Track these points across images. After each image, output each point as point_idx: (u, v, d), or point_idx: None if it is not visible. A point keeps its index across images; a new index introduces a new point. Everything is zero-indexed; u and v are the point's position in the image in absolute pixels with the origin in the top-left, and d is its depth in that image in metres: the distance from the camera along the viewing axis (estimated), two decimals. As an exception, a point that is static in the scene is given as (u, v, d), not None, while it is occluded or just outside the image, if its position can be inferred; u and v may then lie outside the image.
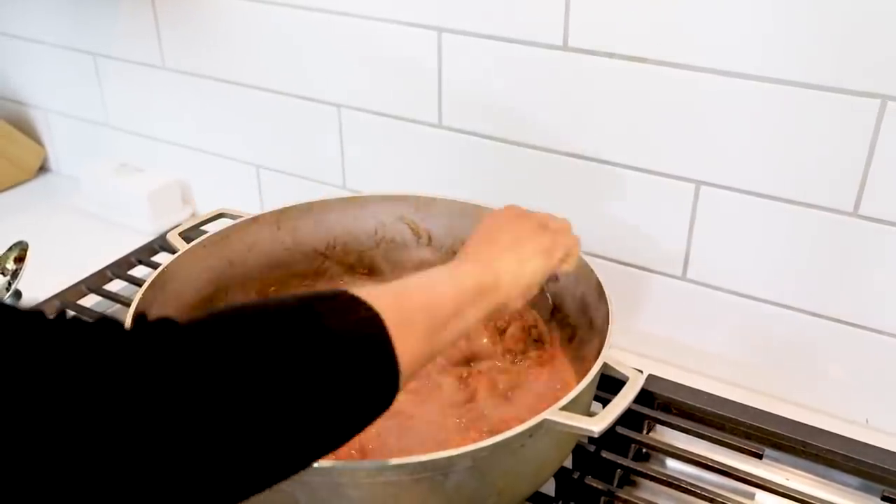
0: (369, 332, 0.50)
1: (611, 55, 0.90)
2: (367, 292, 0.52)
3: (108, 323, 0.43)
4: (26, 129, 1.52)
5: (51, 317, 0.41)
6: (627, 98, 0.91)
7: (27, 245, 1.09)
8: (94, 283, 1.11)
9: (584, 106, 0.94)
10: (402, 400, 0.79)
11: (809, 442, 0.85)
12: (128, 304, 0.82)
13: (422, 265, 0.98)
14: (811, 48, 0.79)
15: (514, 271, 0.69)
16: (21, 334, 0.39)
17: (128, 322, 0.44)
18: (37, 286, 1.09)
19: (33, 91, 1.49)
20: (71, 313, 0.70)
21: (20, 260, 1.09)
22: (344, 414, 0.49)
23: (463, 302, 0.62)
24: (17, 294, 1.10)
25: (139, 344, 0.42)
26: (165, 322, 0.44)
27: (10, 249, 1.09)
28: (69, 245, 1.29)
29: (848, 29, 0.77)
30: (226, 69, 1.21)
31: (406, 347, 0.52)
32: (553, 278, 0.79)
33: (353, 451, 0.75)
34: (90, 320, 0.43)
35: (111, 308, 1.08)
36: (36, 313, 0.41)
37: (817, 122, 0.82)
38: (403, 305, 0.55)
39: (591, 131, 0.95)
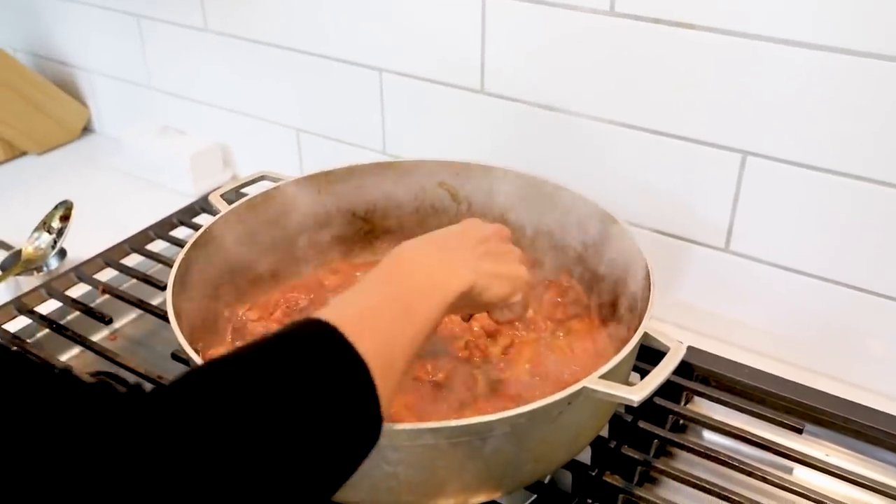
0: (354, 383, 0.52)
1: (657, 21, 0.88)
2: (351, 327, 0.53)
3: (103, 389, 0.45)
4: (71, 90, 1.53)
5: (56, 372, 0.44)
6: (673, 65, 0.89)
7: (72, 204, 1.11)
8: (137, 242, 1.12)
9: (628, 73, 0.92)
10: (438, 368, 0.80)
11: (851, 418, 0.84)
12: (169, 265, 0.83)
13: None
14: (865, 15, 0.77)
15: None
16: (16, 395, 0.42)
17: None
18: (81, 245, 1.11)
19: (77, 52, 1.50)
20: (76, 371, 0.73)
21: (65, 219, 1.11)
22: (331, 462, 0.51)
23: (438, 319, 0.63)
24: (63, 252, 1.12)
25: (131, 413, 0.44)
26: (154, 391, 0.46)
27: (55, 208, 1.11)
28: (112, 205, 1.30)
29: (907, -4, 0.75)
30: (268, 32, 1.21)
31: (387, 391, 0.53)
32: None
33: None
34: (90, 381, 0.45)
35: (153, 268, 1.10)
36: (42, 368, 0.44)
37: (870, 92, 0.80)
38: (389, 352, 0.56)
39: (636, 98, 0.93)
